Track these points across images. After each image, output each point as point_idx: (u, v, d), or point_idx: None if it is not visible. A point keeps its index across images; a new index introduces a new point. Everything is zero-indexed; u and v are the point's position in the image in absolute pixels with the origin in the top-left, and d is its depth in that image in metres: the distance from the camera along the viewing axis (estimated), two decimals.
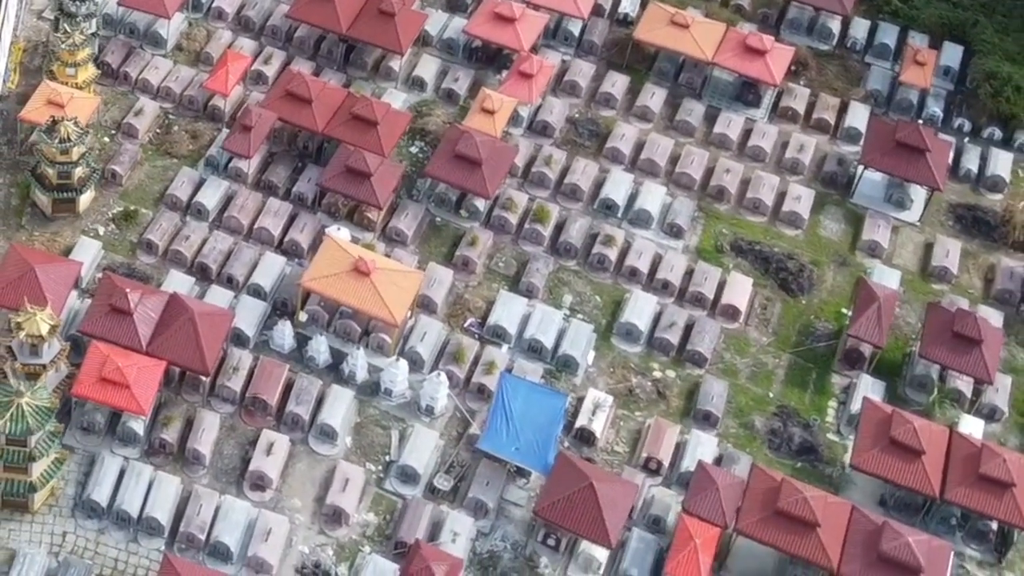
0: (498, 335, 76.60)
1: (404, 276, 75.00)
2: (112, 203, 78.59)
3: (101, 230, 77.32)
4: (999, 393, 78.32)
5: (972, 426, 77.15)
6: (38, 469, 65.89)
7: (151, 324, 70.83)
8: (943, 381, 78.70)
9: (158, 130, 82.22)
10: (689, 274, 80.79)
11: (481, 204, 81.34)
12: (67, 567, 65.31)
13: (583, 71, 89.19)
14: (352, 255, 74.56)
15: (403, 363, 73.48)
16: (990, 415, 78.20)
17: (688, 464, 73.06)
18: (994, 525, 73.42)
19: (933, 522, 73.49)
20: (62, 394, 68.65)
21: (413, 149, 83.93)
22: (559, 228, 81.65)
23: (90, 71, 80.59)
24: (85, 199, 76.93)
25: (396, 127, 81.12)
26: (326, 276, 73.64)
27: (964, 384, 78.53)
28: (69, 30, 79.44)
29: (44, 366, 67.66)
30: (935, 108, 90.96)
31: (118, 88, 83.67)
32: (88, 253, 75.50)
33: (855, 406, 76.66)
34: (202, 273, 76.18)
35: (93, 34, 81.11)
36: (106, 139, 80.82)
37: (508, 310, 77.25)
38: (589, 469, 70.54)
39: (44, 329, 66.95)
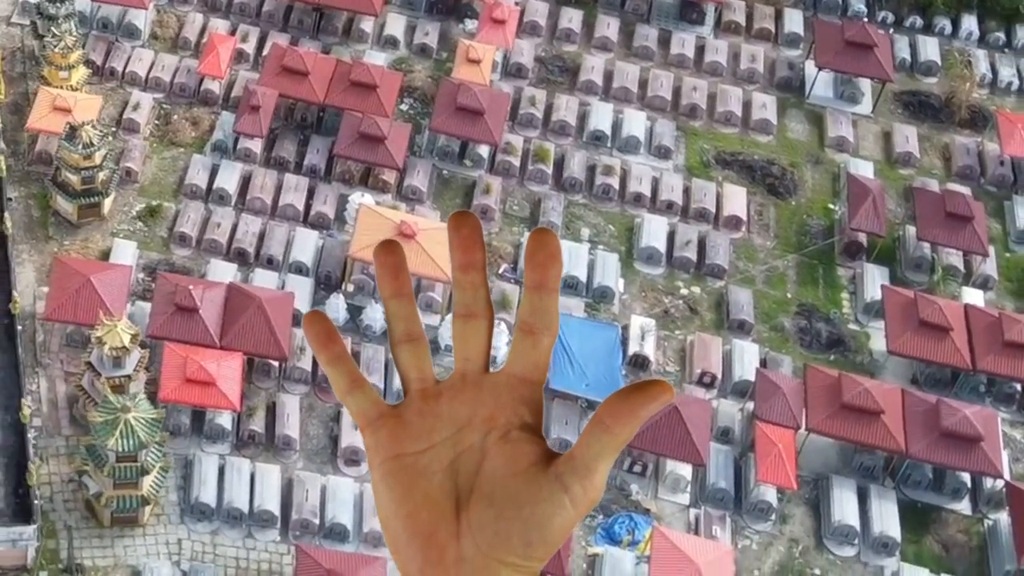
0: None
1: (444, 233, 69.18)
2: (133, 201, 70.82)
3: (134, 229, 69.71)
4: (987, 263, 76.38)
5: (973, 297, 75.13)
6: (148, 482, 59.06)
7: (218, 318, 64.05)
8: (935, 256, 76.49)
9: (156, 121, 74.40)
10: (687, 192, 76.76)
11: (484, 152, 75.82)
12: (196, 574, 58.92)
13: (539, 10, 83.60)
14: (392, 220, 68.55)
15: None
16: (984, 284, 76.24)
17: (739, 373, 69.41)
18: (1018, 386, 71.75)
19: (964, 392, 71.34)
20: None
21: (403, 107, 77.64)
22: (558, 165, 76.68)
23: (81, 72, 72.30)
24: (108, 201, 69.14)
25: (392, 88, 74.84)
26: (372, 245, 67.41)
27: (956, 259, 76.49)
28: (58, 33, 70.99)
29: (129, 376, 60.58)
30: (859, 5, 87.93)
31: (106, 84, 75.32)
32: (126, 255, 67.88)
33: (868, 294, 73.88)
34: (240, 258, 69.28)
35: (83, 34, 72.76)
36: (109, 137, 72.69)
37: None
38: None
39: (126, 339, 59.81)
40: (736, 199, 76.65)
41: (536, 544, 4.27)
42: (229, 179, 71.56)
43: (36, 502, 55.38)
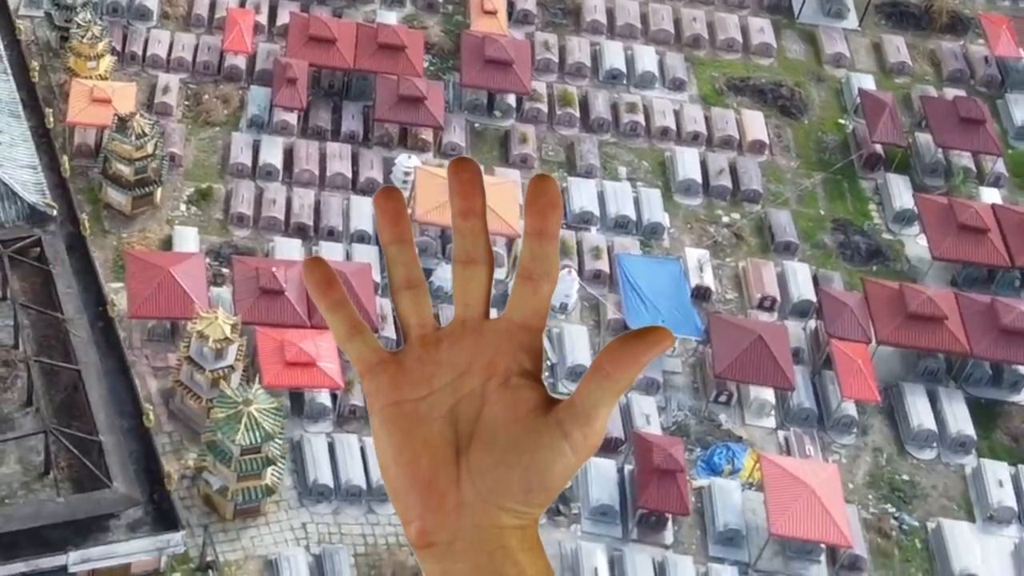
0: (584, 220, 68.34)
1: (502, 187, 65.58)
2: (180, 185, 65.78)
3: (189, 214, 64.84)
4: (998, 162, 75.14)
5: (990, 196, 73.86)
6: (270, 471, 54.94)
7: (302, 296, 59.78)
8: (947, 161, 75.01)
9: (186, 102, 69.16)
10: (708, 121, 73.98)
11: (511, 101, 72.13)
12: (330, 556, 54.98)
13: None
14: None
15: None
16: (996, 183, 75.02)
17: (796, 294, 67.21)
18: None
19: (1001, 288, 70.07)
20: None
21: (423, 63, 73.31)
22: (583, 106, 73.31)
23: (108, 60, 66.74)
24: (159, 189, 64.04)
25: (418, 47, 70.54)
26: (437, 207, 63.59)
27: (967, 160, 75.11)
28: (82, 23, 65.38)
29: (232, 367, 56.25)
30: None
31: (129, 70, 69.66)
32: (189, 241, 63.03)
33: (896, 203, 72.14)
34: (300, 232, 64.87)
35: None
36: (158, 126, 66.75)
37: (582, 194, 68.94)
38: (746, 323, 64.03)
39: (228, 330, 55.44)
40: (755, 123, 74.14)
41: (536, 490, 4.12)
42: (273, 154, 66.81)
43: (177, 507, 51.01)
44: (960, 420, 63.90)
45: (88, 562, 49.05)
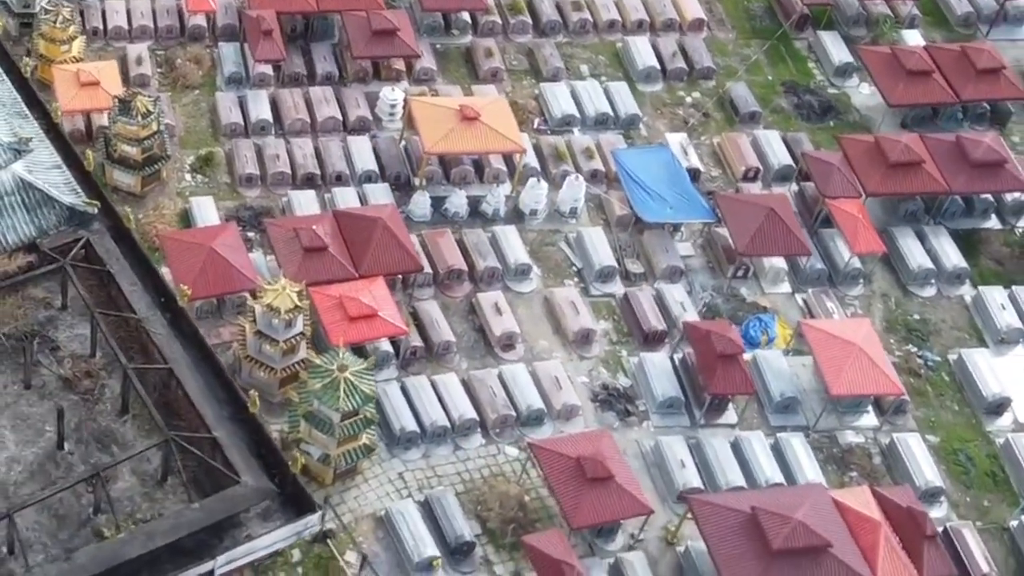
0: (567, 123, 64.20)
1: (495, 104, 60.95)
2: (180, 155, 59.19)
3: (197, 183, 58.43)
4: (911, 5, 73.26)
5: (913, 38, 72.19)
6: (366, 431, 50.39)
7: (343, 248, 54.62)
8: (866, 11, 72.89)
9: (159, 70, 62.02)
10: (647, 6, 70.07)
11: (466, 17, 67.05)
12: (437, 500, 50.91)
13: None
14: (449, 107, 59.64)
15: (543, 183, 60.49)
16: (912, 23, 73.31)
17: (774, 160, 64.67)
18: (987, 105, 69.45)
19: (946, 122, 68.72)
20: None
21: None
22: (531, 11, 68.57)
23: (80, 41, 59.16)
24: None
25: None
26: (443, 137, 58.65)
27: (882, 7, 73.09)
28: (50, 7, 57.57)
29: (302, 333, 51.17)
30: None
31: (94, 46, 61.88)
32: (209, 210, 56.80)
33: (834, 59, 69.86)
34: (310, 183, 59.23)
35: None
36: (159, 101, 59.28)
37: (558, 98, 64.67)
38: (753, 199, 61.23)
39: (296, 299, 50.24)
40: (690, 2, 70.60)
41: None
42: (262, 108, 60.61)
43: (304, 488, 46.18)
44: (951, 254, 62.70)
45: (233, 562, 44.26)
